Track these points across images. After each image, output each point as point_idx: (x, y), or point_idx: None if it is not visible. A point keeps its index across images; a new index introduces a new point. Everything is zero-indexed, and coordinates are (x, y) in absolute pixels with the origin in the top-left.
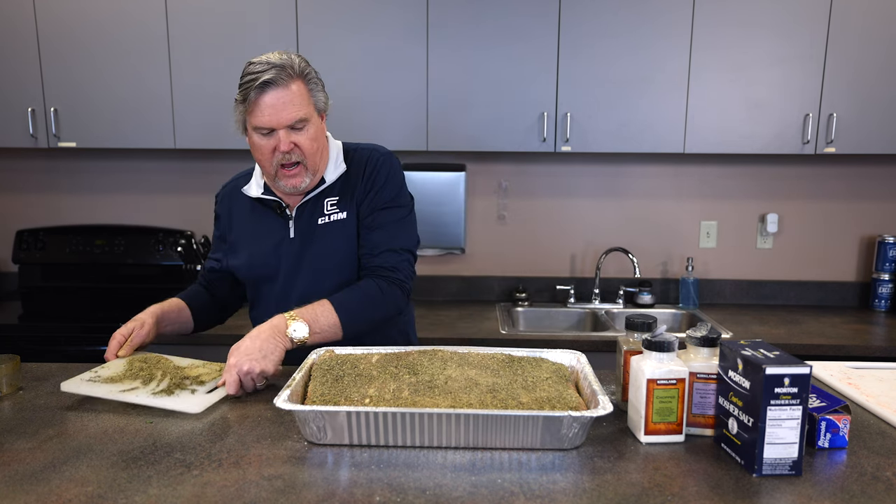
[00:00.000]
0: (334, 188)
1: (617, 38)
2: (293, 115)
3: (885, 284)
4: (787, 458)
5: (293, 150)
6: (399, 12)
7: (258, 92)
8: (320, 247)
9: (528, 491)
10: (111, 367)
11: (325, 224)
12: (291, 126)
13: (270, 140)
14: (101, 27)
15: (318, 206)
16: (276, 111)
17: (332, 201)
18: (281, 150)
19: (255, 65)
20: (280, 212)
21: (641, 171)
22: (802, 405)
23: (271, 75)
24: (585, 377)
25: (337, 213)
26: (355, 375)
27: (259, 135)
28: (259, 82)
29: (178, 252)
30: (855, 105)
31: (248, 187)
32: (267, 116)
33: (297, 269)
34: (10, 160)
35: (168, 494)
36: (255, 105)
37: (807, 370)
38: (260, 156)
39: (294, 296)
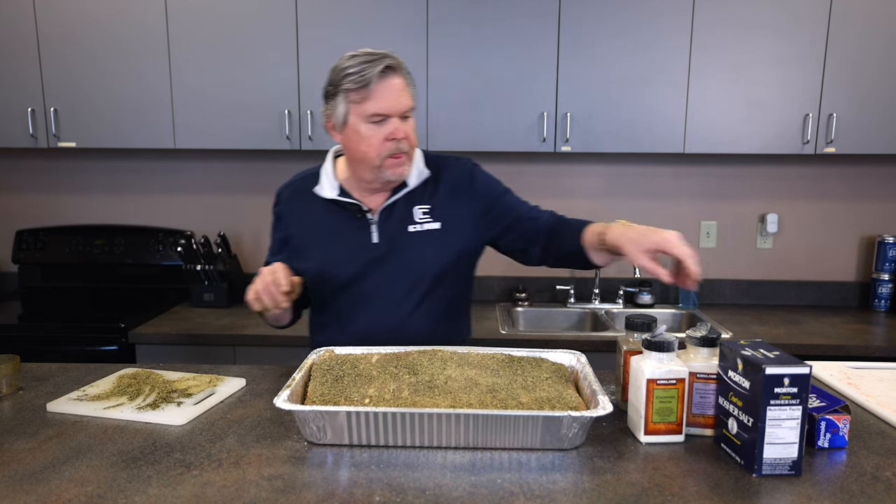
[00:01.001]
0: (422, 196)
1: (617, 37)
2: (408, 103)
3: (885, 284)
4: (787, 458)
5: (404, 140)
6: (399, 13)
7: (380, 77)
8: (411, 255)
9: (528, 491)
10: (99, 385)
11: (417, 232)
12: (403, 115)
13: (382, 128)
14: (101, 27)
15: (408, 212)
16: (396, 97)
17: (424, 209)
18: (397, 136)
19: (361, 55)
20: (360, 215)
21: (641, 171)
22: (802, 405)
23: (392, 62)
24: (585, 377)
25: (430, 223)
26: (355, 375)
27: (371, 123)
28: (382, 67)
29: (177, 252)
30: (855, 105)
31: (319, 188)
32: (386, 101)
33: (381, 275)
34: (10, 160)
35: (168, 494)
36: (374, 91)
37: (806, 370)
38: (367, 147)
39: (372, 302)
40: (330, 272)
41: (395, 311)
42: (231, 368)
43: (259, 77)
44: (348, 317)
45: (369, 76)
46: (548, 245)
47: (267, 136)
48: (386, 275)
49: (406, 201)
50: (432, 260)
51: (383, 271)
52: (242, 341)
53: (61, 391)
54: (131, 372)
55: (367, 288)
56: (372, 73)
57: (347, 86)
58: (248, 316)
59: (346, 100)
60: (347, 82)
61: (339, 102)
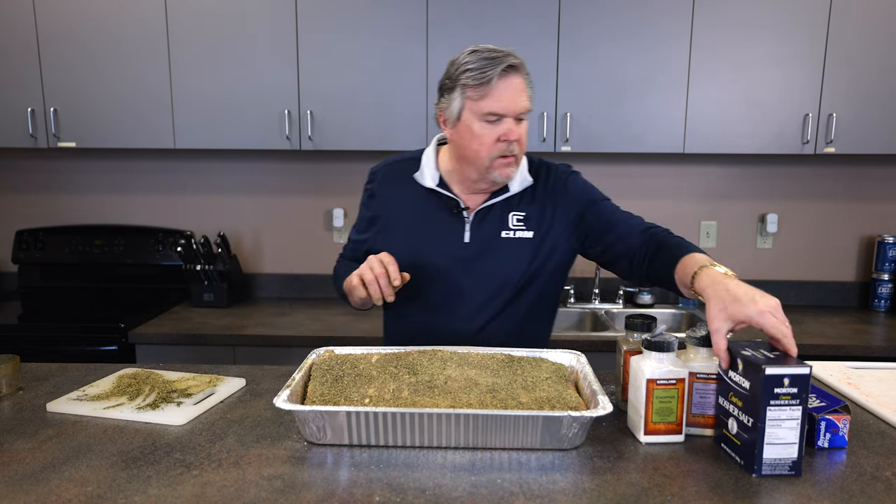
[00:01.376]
0: (519, 202)
1: (617, 37)
2: (525, 104)
3: (885, 284)
4: (787, 458)
5: (516, 142)
6: (399, 13)
7: (502, 75)
8: (500, 261)
9: (528, 491)
10: (99, 385)
11: (509, 238)
12: (518, 117)
13: (496, 128)
14: (101, 27)
15: (503, 217)
16: (514, 97)
17: (519, 216)
18: (510, 138)
19: (483, 52)
20: (456, 211)
21: (641, 171)
22: (802, 405)
23: (514, 61)
24: (585, 377)
25: (523, 231)
26: (355, 375)
27: (485, 122)
28: (505, 65)
29: (177, 252)
30: (854, 105)
31: (419, 175)
32: (504, 101)
33: (466, 276)
34: (9, 160)
35: (168, 494)
36: (494, 89)
37: (806, 370)
38: (478, 145)
39: (454, 301)
40: (416, 262)
41: (476, 315)
42: (231, 368)
43: (259, 77)
44: (429, 311)
45: (490, 74)
46: (639, 263)
47: (267, 136)
48: (471, 277)
49: (503, 205)
50: (520, 269)
51: (469, 273)
52: (242, 341)
53: (61, 391)
54: (131, 372)
55: (450, 286)
56: (493, 71)
57: (466, 81)
58: (248, 316)
59: (462, 95)
60: (466, 78)
61: (455, 98)
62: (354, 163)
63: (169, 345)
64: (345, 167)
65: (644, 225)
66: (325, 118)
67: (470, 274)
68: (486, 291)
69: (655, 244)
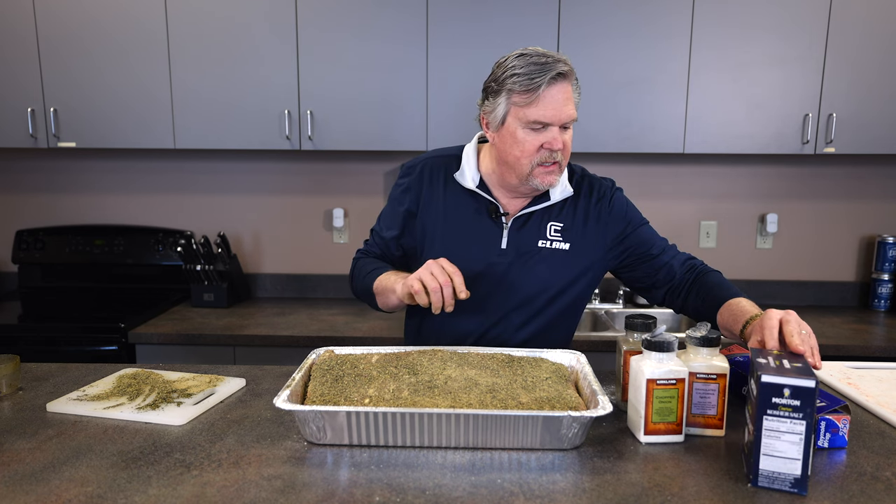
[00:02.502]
0: (559, 213)
1: (617, 38)
2: (572, 113)
3: (885, 284)
4: (788, 473)
5: (560, 150)
6: (399, 13)
7: (550, 83)
8: (536, 270)
9: (528, 491)
10: (99, 385)
11: (545, 249)
12: (564, 125)
13: (540, 136)
14: (101, 27)
15: (541, 227)
16: (561, 106)
17: (557, 227)
18: (554, 147)
19: (533, 57)
20: (495, 216)
21: (641, 171)
22: (806, 420)
23: (565, 69)
24: (585, 377)
25: (560, 243)
26: (355, 375)
27: (529, 129)
28: (554, 73)
29: (177, 252)
30: (854, 105)
31: (460, 174)
32: (551, 110)
33: (499, 282)
34: (10, 160)
35: (168, 494)
36: (542, 97)
37: (811, 384)
38: (520, 152)
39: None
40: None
41: (504, 321)
42: (231, 368)
43: (259, 77)
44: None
45: (539, 81)
46: (677, 295)
47: (267, 136)
48: (505, 283)
49: (542, 214)
50: (553, 280)
51: (503, 279)
52: (242, 341)
53: (61, 391)
54: (131, 372)
55: (483, 291)
56: (542, 78)
57: (512, 87)
58: (248, 316)
59: (508, 101)
60: (513, 83)
61: (501, 102)
62: (355, 163)
63: (169, 345)
64: (345, 167)
65: (683, 256)
66: (326, 118)
67: (504, 281)
68: (517, 299)
69: (698, 281)
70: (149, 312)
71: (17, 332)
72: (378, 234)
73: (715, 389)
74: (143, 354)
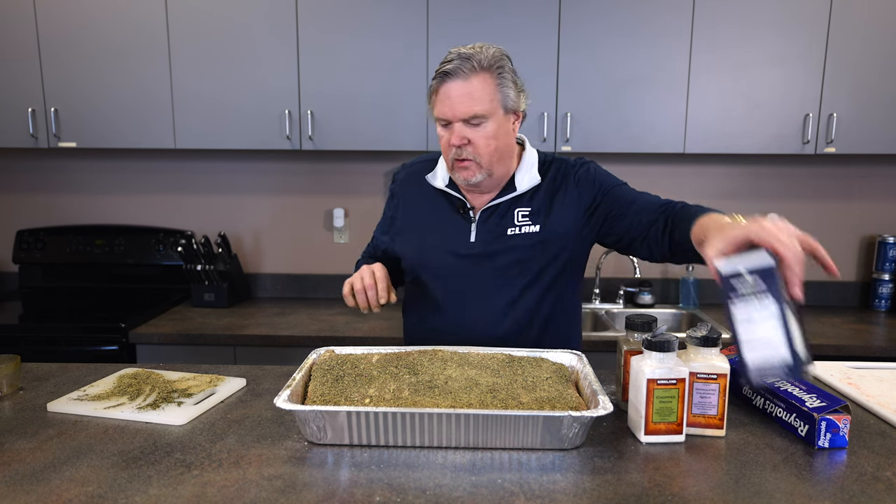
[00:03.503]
0: (526, 199)
1: (617, 37)
2: (468, 109)
3: (886, 284)
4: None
5: (464, 146)
6: (399, 13)
7: (439, 82)
8: (507, 258)
9: (528, 491)
10: (100, 385)
11: (516, 235)
12: (467, 120)
13: (447, 131)
14: (102, 28)
15: (509, 215)
16: (452, 103)
17: (524, 212)
18: (452, 143)
19: (450, 54)
20: (463, 211)
21: (641, 171)
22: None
23: (452, 66)
24: (586, 377)
25: (529, 226)
26: (355, 375)
27: (440, 125)
28: (440, 72)
29: (178, 252)
30: (855, 105)
31: (432, 175)
32: (444, 107)
33: (475, 274)
34: (10, 160)
35: (168, 494)
36: (436, 95)
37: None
38: (441, 147)
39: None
40: (426, 261)
41: (486, 312)
42: (231, 368)
43: (259, 77)
44: (442, 309)
45: (437, 79)
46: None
47: (267, 136)
48: (480, 275)
49: (510, 204)
50: (528, 262)
51: (478, 271)
52: (243, 341)
53: (62, 391)
54: (132, 372)
55: (461, 285)
56: (438, 76)
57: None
58: (248, 316)
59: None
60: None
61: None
62: (355, 163)
63: (169, 345)
64: (345, 167)
65: (659, 202)
66: (326, 118)
67: (480, 273)
68: (498, 289)
69: (673, 218)
70: (149, 312)
71: (18, 331)
72: (375, 237)
73: (715, 389)
74: (143, 354)
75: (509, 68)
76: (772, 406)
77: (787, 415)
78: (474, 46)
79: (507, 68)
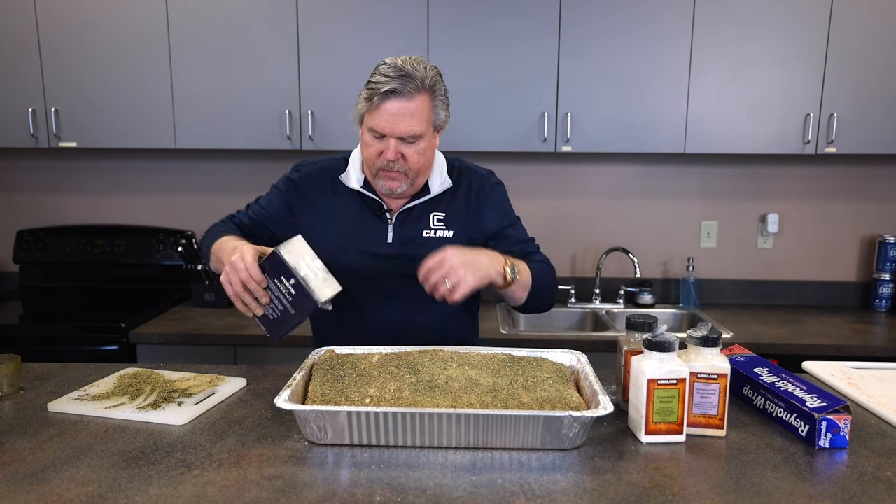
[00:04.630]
0: (440, 203)
1: (618, 37)
2: (409, 128)
3: (886, 284)
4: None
5: (398, 160)
6: (400, 12)
7: (381, 98)
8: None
9: (529, 491)
10: (100, 385)
11: (431, 238)
12: (403, 138)
13: (380, 143)
14: (102, 27)
15: (425, 218)
16: (394, 121)
17: (439, 216)
18: (387, 157)
19: (388, 67)
20: (380, 213)
21: (642, 171)
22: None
23: (397, 85)
24: (586, 377)
25: (444, 231)
26: (356, 375)
27: (371, 135)
28: (385, 90)
29: (178, 252)
30: (856, 105)
31: (345, 176)
32: (383, 123)
33: (391, 275)
34: (10, 160)
35: (168, 494)
36: (376, 109)
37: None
38: (367, 153)
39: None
40: (343, 263)
41: (405, 312)
42: (232, 368)
43: (260, 77)
44: (358, 309)
45: (377, 91)
46: None
47: (267, 136)
48: (397, 276)
49: (424, 207)
50: None
51: (395, 272)
52: (243, 341)
53: (62, 391)
54: (132, 372)
55: (378, 285)
56: (378, 90)
57: (364, 92)
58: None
59: (362, 102)
60: (366, 88)
61: (360, 101)
62: None
63: (170, 345)
64: None
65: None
66: (326, 118)
67: (395, 273)
68: (411, 289)
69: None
70: (150, 312)
71: (18, 331)
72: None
73: (716, 389)
74: (143, 354)
75: (443, 88)
76: (772, 406)
77: (787, 415)
78: (412, 62)
79: (441, 89)
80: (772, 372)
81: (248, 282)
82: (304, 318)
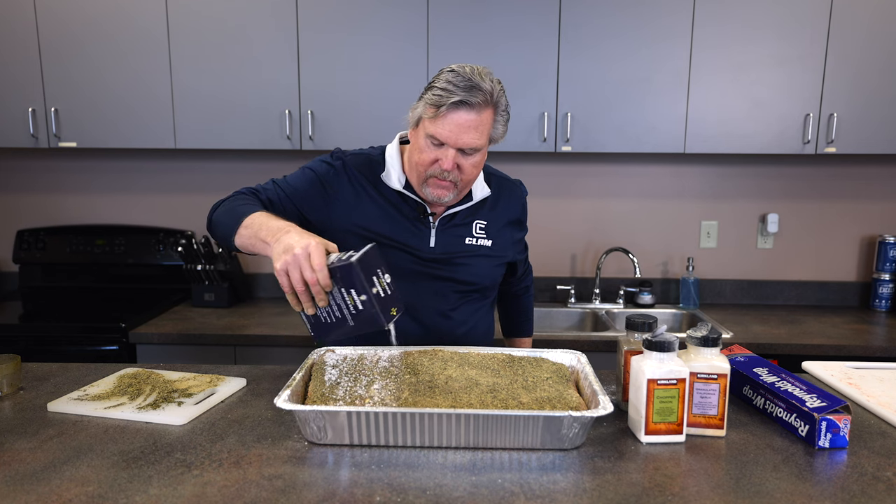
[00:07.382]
0: (481, 212)
1: (618, 37)
2: (471, 141)
3: (886, 284)
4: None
5: (453, 170)
6: (400, 13)
7: (450, 108)
8: (468, 268)
9: (529, 491)
10: (100, 385)
11: (472, 245)
12: (462, 149)
13: (437, 151)
14: (102, 28)
15: (468, 225)
16: (459, 132)
17: (481, 225)
18: (443, 166)
19: (455, 75)
20: (423, 216)
21: (642, 171)
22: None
23: (467, 96)
24: (586, 377)
25: (484, 240)
26: (356, 375)
27: (430, 141)
28: (455, 100)
29: (178, 252)
30: (855, 105)
31: (386, 175)
32: (447, 132)
33: (432, 280)
34: (10, 160)
35: (168, 494)
36: (442, 118)
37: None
38: (419, 158)
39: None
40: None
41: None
42: (231, 368)
43: (259, 77)
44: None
45: (444, 101)
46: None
47: (267, 136)
48: (437, 281)
49: (467, 213)
50: (482, 275)
51: (436, 277)
52: (243, 341)
53: (62, 391)
54: (132, 372)
55: (417, 288)
56: (447, 100)
57: (428, 97)
58: (248, 315)
59: (424, 107)
60: (430, 94)
61: (420, 105)
62: None
63: (170, 345)
64: None
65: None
66: (326, 118)
67: (436, 278)
68: (450, 295)
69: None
70: (149, 312)
71: (18, 331)
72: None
73: (716, 389)
74: (143, 354)
75: (505, 103)
76: (772, 406)
77: (787, 415)
78: (479, 73)
79: (503, 104)
80: (771, 372)
81: (313, 285)
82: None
